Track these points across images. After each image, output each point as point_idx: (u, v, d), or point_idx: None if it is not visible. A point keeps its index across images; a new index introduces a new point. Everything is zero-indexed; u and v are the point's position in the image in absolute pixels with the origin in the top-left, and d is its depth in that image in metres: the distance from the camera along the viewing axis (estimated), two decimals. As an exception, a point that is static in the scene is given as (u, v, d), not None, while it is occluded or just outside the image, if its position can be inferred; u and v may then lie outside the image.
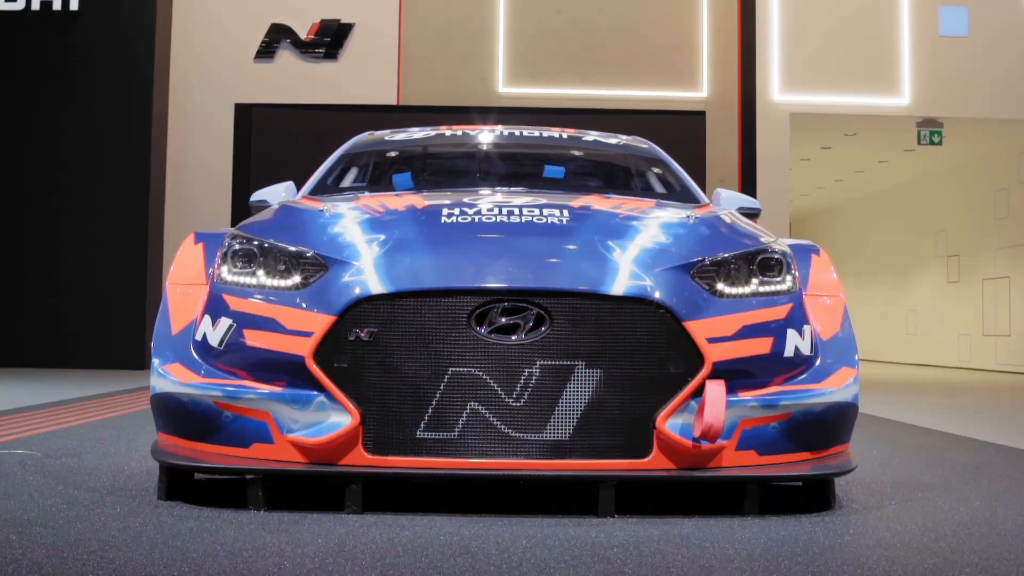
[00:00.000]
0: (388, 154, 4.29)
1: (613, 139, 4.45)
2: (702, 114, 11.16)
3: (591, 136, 4.44)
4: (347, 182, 4.05)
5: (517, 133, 4.40)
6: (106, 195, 10.47)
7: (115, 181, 10.50)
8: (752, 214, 3.88)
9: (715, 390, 2.61)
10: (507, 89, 11.28)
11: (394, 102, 11.04)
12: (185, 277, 3.02)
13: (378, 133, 4.45)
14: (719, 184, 10.28)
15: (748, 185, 10.90)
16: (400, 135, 4.38)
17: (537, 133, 4.42)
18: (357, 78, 11.04)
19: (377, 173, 4.15)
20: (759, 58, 11.28)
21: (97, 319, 10.34)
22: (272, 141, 10.74)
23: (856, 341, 3.03)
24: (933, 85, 11.50)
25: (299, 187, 4.00)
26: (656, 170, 4.20)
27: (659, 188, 4.08)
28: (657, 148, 4.43)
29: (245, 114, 10.93)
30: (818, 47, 11.46)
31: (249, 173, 10.53)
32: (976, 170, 15.35)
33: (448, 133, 4.38)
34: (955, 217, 16.19)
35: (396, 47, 11.13)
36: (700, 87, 11.36)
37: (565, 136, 4.40)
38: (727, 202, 3.86)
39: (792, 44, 11.42)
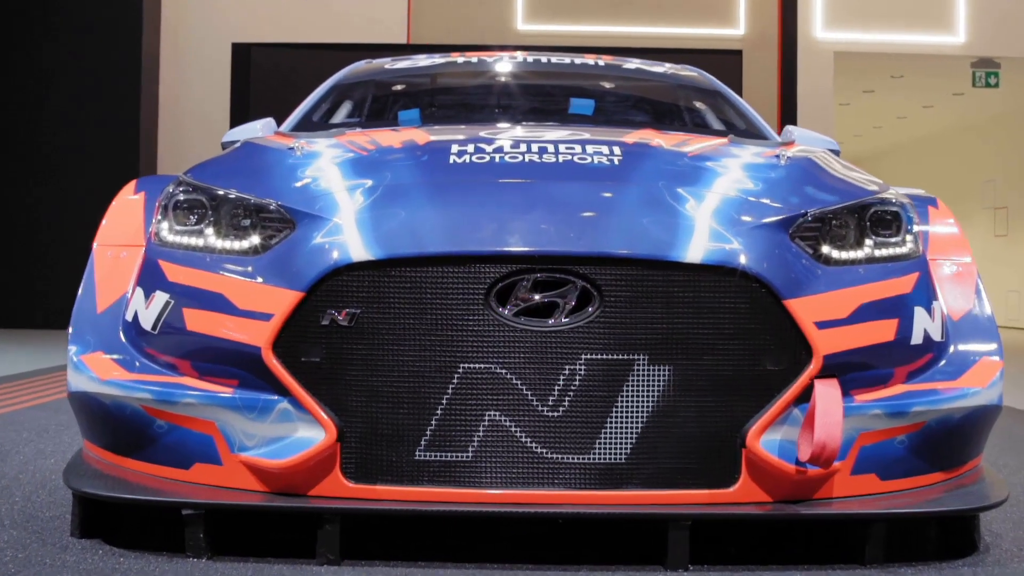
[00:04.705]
0: (387, 85, 3.60)
1: (659, 67, 3.72)
2: (739, 53, 10.38)
3: (633, 64, 3.69)
4: (338, 118, 3.35)
5: (544, 60, 3.69)
6: (94, 142, 9.76)
7: (104, 127, 9.77)
8: (831, 157, 3.14)
9: (828, 394, 1.91)
10: (527, 26, 10.49)
11: (403, 40, 10.30)
12: (118, 236, 2.37)
13: (377, 61, 3.74)
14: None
15: (789, 130, 10.08)
16: (403, 63, 3.67)
17: (568, 60, 3.70)
18: (364, 14, 10.29)
19: (375, 107, 3.47)
20: (801, -9, 10.42)
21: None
22: (272, 82, 10.03)
23: (995, 320, 2.31)
24: (990, 21, 10.66)
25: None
26: (714, 103, 3.48)
27: (717, 126, 3.34)
28: (712, 78, 3.69)
29: (243, 54, 10.22)
30: (866, -21, 10.57)
31: (247, 117, 9.74)
32: (1027, 115, 14.41)
33: (461, 60, 3.68)
34: (1004, 166, 15.30)
35: (406, -20, 10.32)
36: (737, 24, 10.55)
37: (602, 63, 3.66)
38: (802, 142, 3.12)
39: (837, -24, 10.54)
